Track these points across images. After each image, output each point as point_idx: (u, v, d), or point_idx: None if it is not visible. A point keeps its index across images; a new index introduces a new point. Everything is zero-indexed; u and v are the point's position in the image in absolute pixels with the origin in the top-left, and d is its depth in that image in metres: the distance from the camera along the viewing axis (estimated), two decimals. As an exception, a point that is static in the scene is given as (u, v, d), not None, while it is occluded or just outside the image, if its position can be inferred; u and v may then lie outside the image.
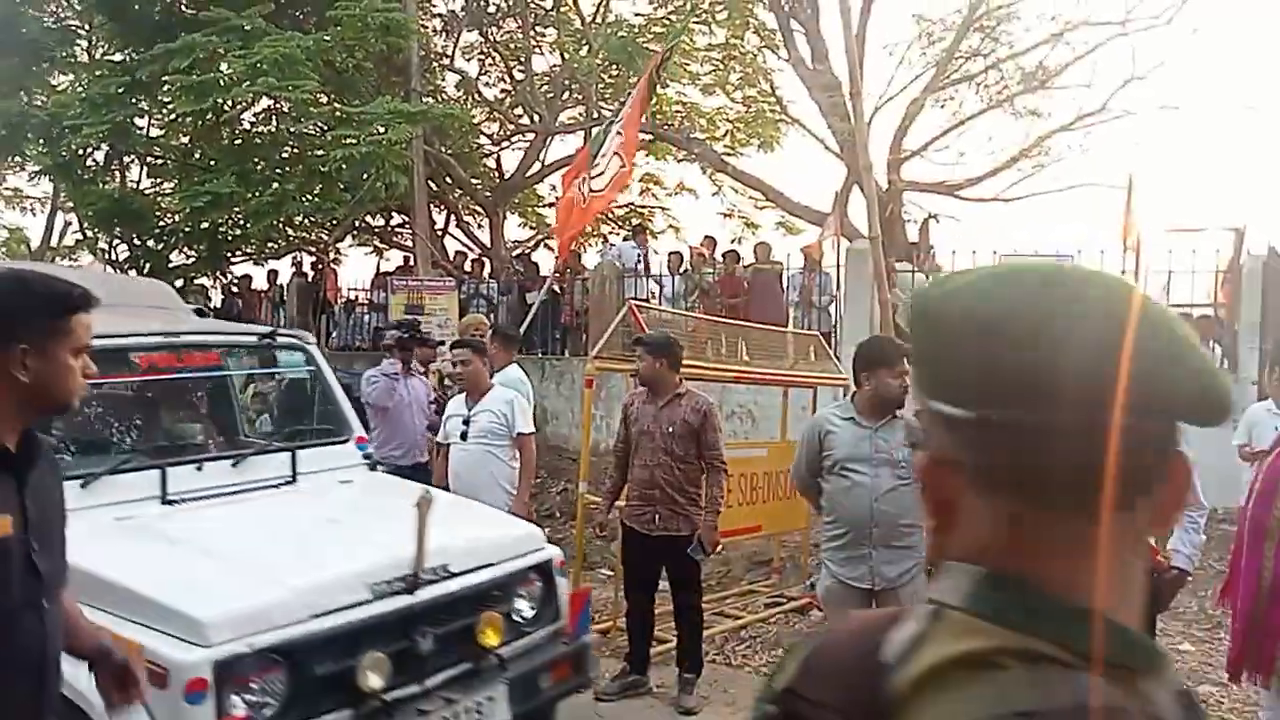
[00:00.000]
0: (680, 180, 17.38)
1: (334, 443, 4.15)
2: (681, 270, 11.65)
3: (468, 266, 14.32)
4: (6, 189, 22.28)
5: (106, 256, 14.82)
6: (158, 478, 3.40)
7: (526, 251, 16.25)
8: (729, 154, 15.41)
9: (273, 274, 15.03)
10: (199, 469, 3.60)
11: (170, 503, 3.40)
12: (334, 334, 14.00)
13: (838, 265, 10.31)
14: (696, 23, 14.74)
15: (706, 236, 12.64)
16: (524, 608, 3.52)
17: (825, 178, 40.22)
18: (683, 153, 15.32)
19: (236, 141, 12.74)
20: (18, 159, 14.58)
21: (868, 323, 9.18)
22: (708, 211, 29.62)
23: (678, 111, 15.59)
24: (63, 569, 1.91)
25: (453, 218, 16.81)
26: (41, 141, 12.21)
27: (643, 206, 17.81)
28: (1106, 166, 19.88)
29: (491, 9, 15.40)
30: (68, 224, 18.44)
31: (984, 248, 9.52)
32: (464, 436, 5.12)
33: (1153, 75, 13.22)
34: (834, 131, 12.65)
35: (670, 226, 17.86)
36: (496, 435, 5.10)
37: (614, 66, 13.83)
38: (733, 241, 15.34)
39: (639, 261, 11.76)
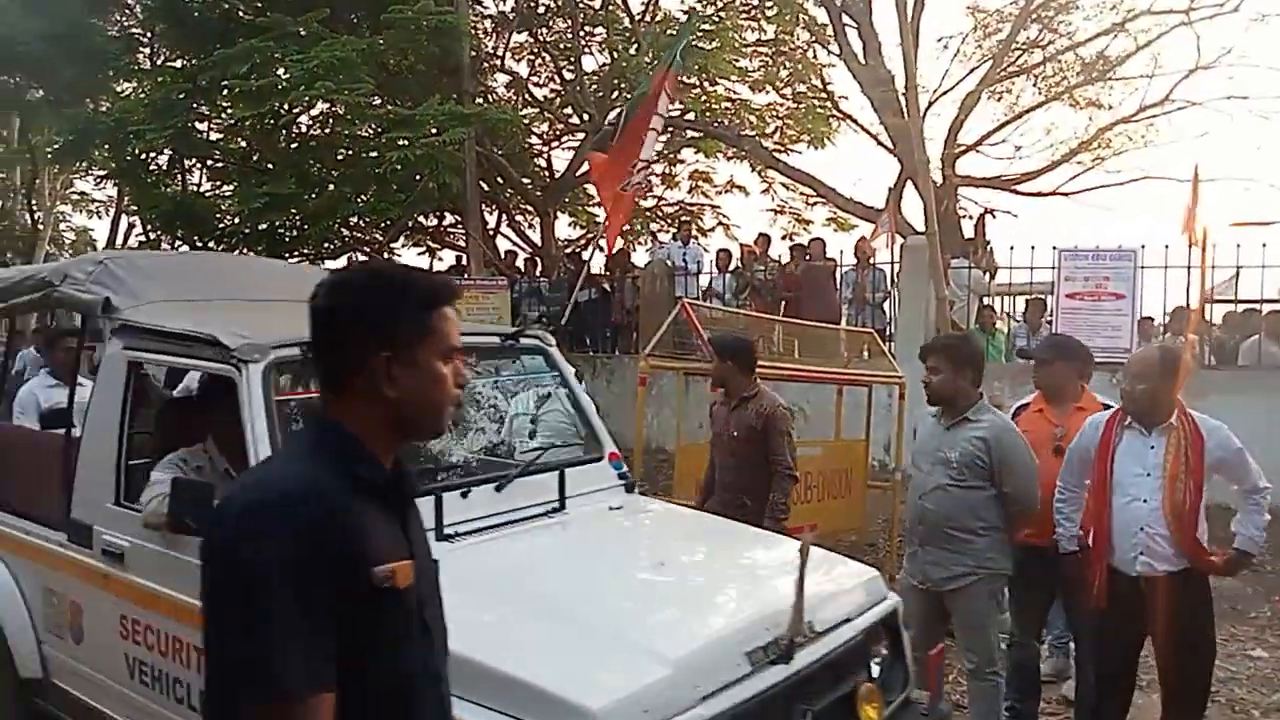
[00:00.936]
0: (730, 177, 17.31)
1: (591, 460, 3.58)
2: (731, 268, 11.59)
3: (519, 265, 14.42)
4: (74, 193, 23.07)
5: (169, 258, 15.18)
6: (431, 507, 2.78)
7: (577, 250, 16.32)
8: (779, 150, 15.30)
9: (328, 274, 15.28)
10: (464, 495, 3.00)
11: (447, 538, 2.80)
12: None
13: (892, 261, 10.17)
14: (745, 18, 14.66)
15: (760, 234, 12.57)
16: (876, 672, 2.85)
17: (878, 173, 39.76)
18: (732, 150, 15.24)
19: (293, 145, 12.98)
20: (86, 164, 15.02)
21: (923, 319, 9.05)
22: (758, 208, 29.50)
23: (727, 108, 15.53)
24: (446, 630, 1.53)
25: (504, 217, 16.93)
26: (107, 147, 12.54)
27: (692, 204, 17.77)
28: (1171, 159, 19.35)
29: (541, 9, 15.48)
30: (131, 226, 18.96)
31: (1043, 243, 9.30)
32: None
33: (1219, 65, 12.86)
34: (887, 127, 12.49)
35: (720, 224, 17.80)
36: None
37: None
38: (783, 238, 15.26)
39: (686, 260, 11.73)
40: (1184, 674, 3.40)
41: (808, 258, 11.05)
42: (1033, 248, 9.34)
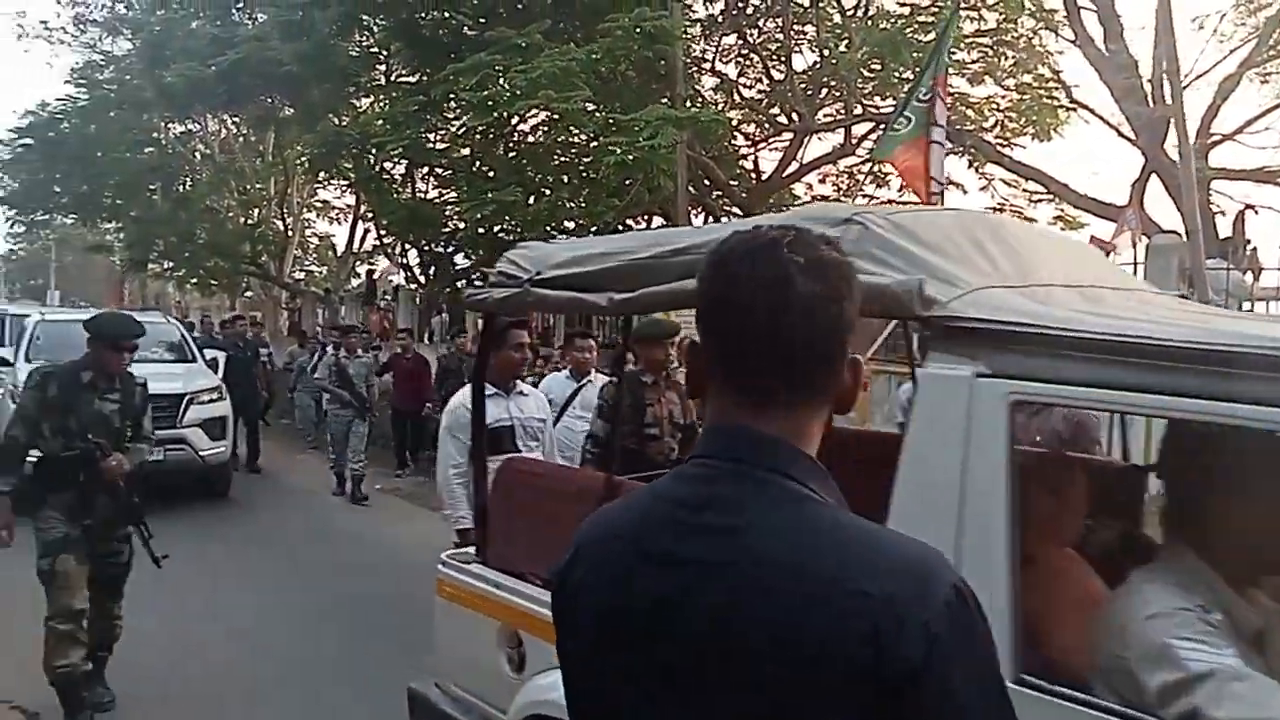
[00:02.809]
0: (947, 174, 16.51)
1: None
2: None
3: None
4: (317, 201, 25.31)
5: (399, 260, 16.30)
6: None
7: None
8: (1001, 145, 14.46)
9: (538, 276, 15.85)
10: None
11: None
12: (597, 333, 14.59)
13: (1135, 261, 9.34)
14: (965, 8, 13.94)
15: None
16: None
17: (1107, 167, 36.97)
18: (947, 145, 14.50)
19: (512, 153, 13.57)
20: (330, 174, 16.41)
21: (1172, 326, 8.25)
22: (976, 207, 28.15)
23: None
24: None
25: (710, 219, 16.98)
26: (350, 158, 13.61)
27: (904, 203, 17.13)
28: None
29: (750, 10, 15.38)
30: (366, 231, 20.55)
31: (1321, 241, 8.22)
32: None
33: None
34: (1129, 117, 11.51)
35: (933, 224, 17.06)
36: None
37: (875, 61, 13.38)
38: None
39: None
40: None
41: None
42: (1309, 247, 8.30)
